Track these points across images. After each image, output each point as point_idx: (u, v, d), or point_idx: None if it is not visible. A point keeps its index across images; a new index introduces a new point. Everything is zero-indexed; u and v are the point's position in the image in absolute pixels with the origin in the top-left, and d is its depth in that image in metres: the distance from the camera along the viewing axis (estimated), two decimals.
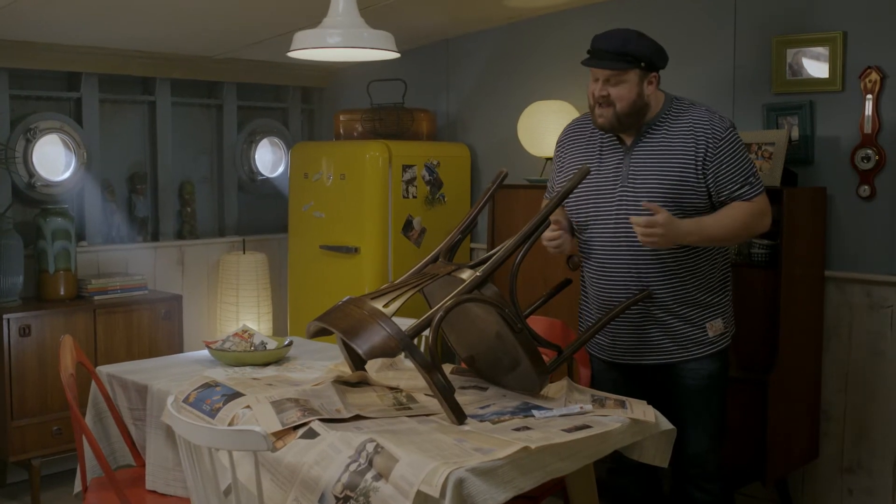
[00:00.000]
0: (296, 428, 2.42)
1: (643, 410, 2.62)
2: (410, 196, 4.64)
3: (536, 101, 4.42)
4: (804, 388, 3.68)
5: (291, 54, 3.03)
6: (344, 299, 2.67)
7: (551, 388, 2.78)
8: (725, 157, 2.84)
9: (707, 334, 2.95)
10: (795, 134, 3.73)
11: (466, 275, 2.63)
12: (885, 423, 3.65)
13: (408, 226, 4.64)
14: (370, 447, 2.25)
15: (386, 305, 2.55)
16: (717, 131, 2.85)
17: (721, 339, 2.99)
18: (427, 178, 4.70)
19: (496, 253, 2.65)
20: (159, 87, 4.99)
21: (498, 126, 4.83)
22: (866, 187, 3.62)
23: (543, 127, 4.26)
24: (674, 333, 2.94)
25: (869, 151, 3.59)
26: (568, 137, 3.12)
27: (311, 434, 2.38)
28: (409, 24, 4.53)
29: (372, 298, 2.60)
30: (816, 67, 3.70)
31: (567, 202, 3.04)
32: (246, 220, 5.50)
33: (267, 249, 5.39)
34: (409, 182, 4.62)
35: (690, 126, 2.88)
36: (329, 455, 2.28)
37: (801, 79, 3.74)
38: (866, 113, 3.58)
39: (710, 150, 2.84)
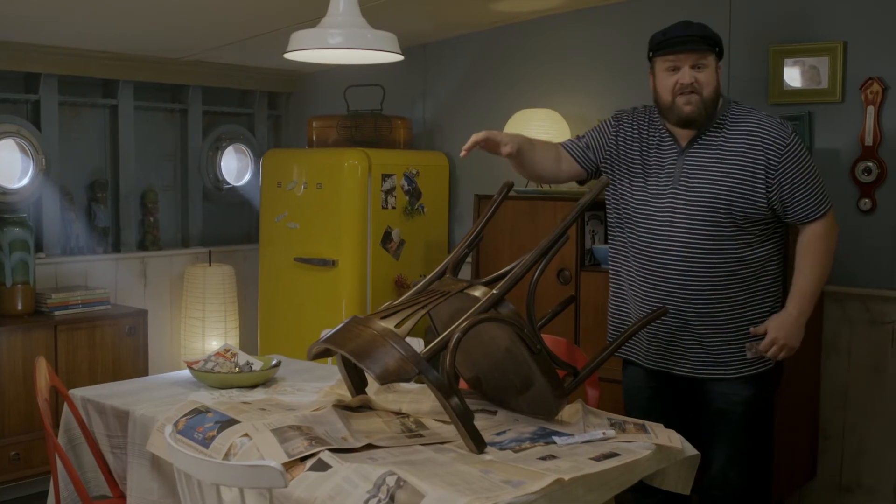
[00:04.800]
0: (303, 459, 2.23)
1: (668, 436, 2.48)
2: (389, 206, 4.45)
3: (520, 108, 4.28)
4: (804, 406, 3.59)
5: (288, 55, 2.84)
6: (349, 319, 2.49)
7: (565, 412, 2.63)
8: (790, 171, 2.69)
9: (745, 354, 2.81)
10: None
11: (480, 292, 2.47)
12: (886, 442, 3.57)
13: (386, 237, 4.46)
14: (391, 481, 2.07)
15: (398, 325, 2.38)
16: (782, 140, 2.70)
17: (761, 362, 2.82)
18: (406, 187, 4.53)
19: (513, 269, 2.49)
20: (122, 89, 4.74)
21: None
22: (867, 201, 3.54)
23: (530, 135, 4.10)
24: (709, 346, 2.79)
25: (870, 164, 3.52)
26: (629, 122, 2.92)
27: (322, 466, 2.19)
28: (388, 28, 4.36)
29: (381, 318, 2.42)
30: (815, 78, 3.62)
31: (610, 194, 2.92)
32: (211, 230, 5.26)
33: (234, 261, 5.16)
34: (389, 192, 4.44)
35: (752, 132, 2.73)
36: (345, 490, 2.10)
37: (800, 89, 3.66)
38: (867, 125, 3.50)
39: (772, 159, 2.69)
